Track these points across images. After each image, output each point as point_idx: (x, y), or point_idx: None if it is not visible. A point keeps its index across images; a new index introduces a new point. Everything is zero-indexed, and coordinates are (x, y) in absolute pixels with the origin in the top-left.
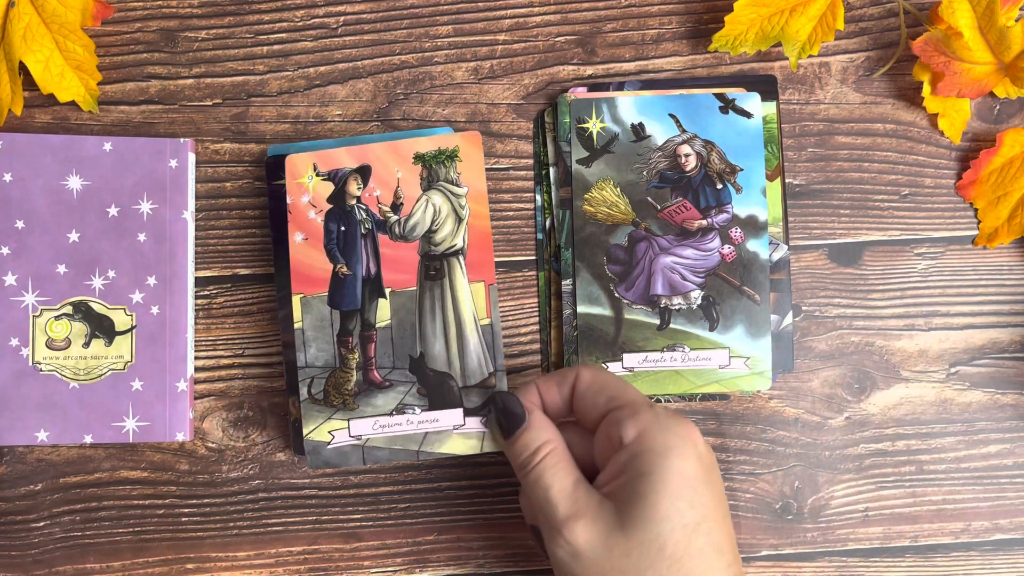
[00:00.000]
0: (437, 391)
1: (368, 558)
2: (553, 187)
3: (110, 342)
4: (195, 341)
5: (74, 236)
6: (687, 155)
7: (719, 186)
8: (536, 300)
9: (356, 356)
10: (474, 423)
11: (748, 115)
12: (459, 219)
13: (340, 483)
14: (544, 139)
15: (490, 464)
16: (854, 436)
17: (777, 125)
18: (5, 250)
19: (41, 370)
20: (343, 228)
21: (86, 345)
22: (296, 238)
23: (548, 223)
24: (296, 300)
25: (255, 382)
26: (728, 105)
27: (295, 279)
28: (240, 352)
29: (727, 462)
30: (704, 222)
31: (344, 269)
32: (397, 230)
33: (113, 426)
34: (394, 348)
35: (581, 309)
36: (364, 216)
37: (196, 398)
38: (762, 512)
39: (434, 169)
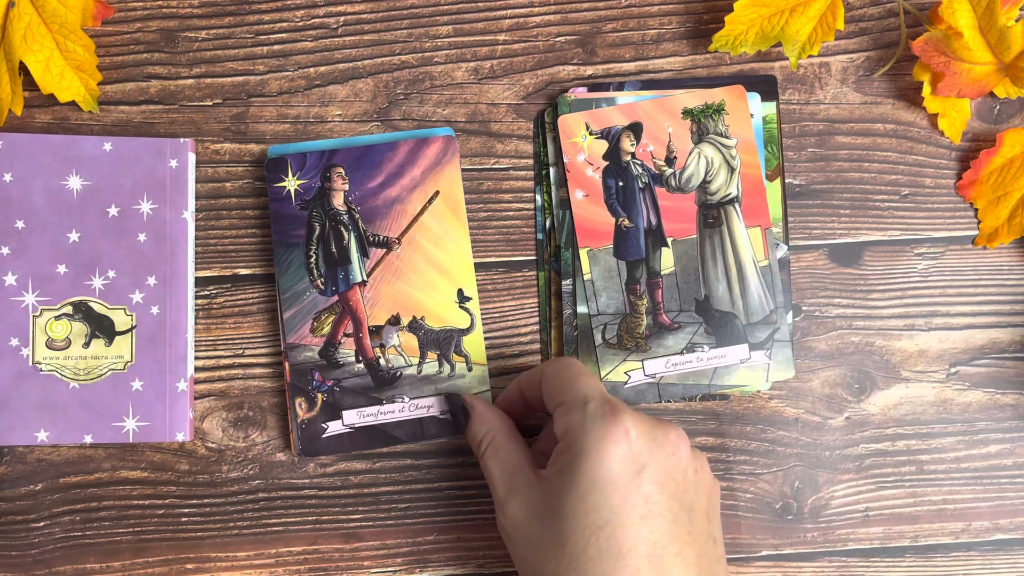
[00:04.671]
0: (723, 329)
1: (368, 558)
2: (553, 187)
3: (110, 342)
4: (195, 341)
5: (74, 236)
6: None
7: None
8: (536, 300)
9: (645, 302)
10: (759, 357)
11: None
12: (731, 169)
13: (340, 483)
14: (544, 139)
15: None
16: (854, 436)
17: (777, 125)
18: (5, 250)
19: (41, 370)
20: (621, 183)
21: (86, 345)
22: (577, 195)
23: (548, 223)
24: (583, 253)
25: (255, 382)
26: None
27: (580, 234)
28: (240, 352)
29: (727, 462)
30: None
31: (626, 222)
32: (673, 182)
33: (113, 426)
34: (680, 292)
35: (581, 309)
36: (640, 171)
37: (196, 398)
38: (762, 512)
39: (703, 123)
